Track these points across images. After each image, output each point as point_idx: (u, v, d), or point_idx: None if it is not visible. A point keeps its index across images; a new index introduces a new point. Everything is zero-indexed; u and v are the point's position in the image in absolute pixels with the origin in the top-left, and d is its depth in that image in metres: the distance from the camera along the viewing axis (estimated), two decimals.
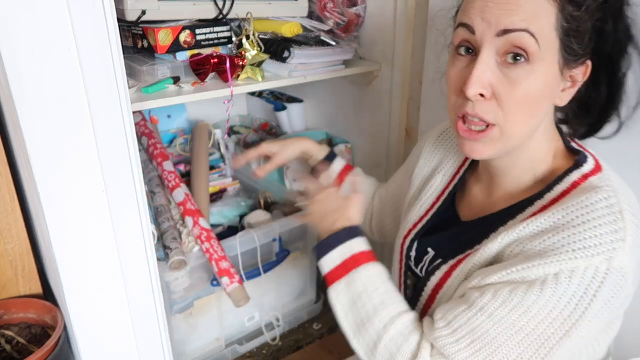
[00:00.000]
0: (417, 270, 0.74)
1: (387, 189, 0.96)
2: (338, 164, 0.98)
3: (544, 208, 0.59)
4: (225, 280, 0.96)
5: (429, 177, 0.80)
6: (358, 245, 0.70)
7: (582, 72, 0.58)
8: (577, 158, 0.61)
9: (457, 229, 0.71)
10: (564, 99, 0.59)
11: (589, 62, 0.58)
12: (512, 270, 0.56)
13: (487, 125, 0.58)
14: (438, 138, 0.81)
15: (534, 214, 0.59)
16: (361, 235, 0.72)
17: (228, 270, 0.96)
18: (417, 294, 0.71)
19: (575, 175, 0.59)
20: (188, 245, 1.00)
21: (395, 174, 0.95)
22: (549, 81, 0.56)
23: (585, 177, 0.59)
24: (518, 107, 0.55)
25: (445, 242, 0.71)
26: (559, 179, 0.60)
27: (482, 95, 0.56)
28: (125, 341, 0.78)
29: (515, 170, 0.65)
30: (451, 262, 0.66)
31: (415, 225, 0.77)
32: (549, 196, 0.60)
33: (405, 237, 0.77)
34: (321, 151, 0.99)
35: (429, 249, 0.72)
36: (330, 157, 0.99)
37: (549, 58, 0.54)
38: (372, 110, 1.32)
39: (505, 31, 0.53)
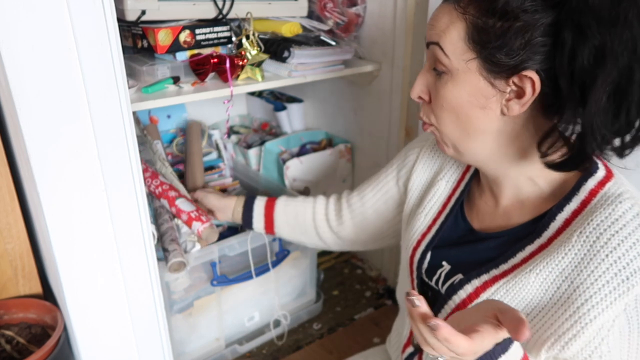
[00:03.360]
0: (433, 284, 0.72)
1: (364, 201, 0.91)
2: (258, 209, 0.99)
3: (568, 222, 0.59)
4: (196, 224, 0.98)
5: (431, 184, 0.78)
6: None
7: (529, 84, 0.55)
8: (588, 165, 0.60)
9: (473, 242, 0.69)
10: (513, 110, 0.57)
11: (531, 74, 0.54)
12: (587, 321, 0.54)
13: (428, 125, 0.65)
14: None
15: (560, 230, 0.59)
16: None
17: (199, 217, 0.99)
18: (435, 310, 0.69)
19: (591, 183, 0.59)
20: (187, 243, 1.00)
21: (370, 184, 0.91)
22: (473, 91, 0.57)
23: (601, 184, 0.59)
24: (442, 112, 0.61)
25: (462, 256, 0.69)
26: (576, 188, 0.60)
27: (422, 98, 0.64)
28: (125, 341, 0.78)
29: (509, 180, 0.64)
30: (476, 283, 0.64)
31: (424, 235, 0.74)
32: (570, 208, 0.59)
33: (415, 248, 0.75)
34: (237, 206, 1.00)
35: (444, 263, 0.70)
36: (248, 204, 1.00)
37: (466, 69, 0.57)
38: (372, 110, 1.32)
39: (427, 44, 0.61)
